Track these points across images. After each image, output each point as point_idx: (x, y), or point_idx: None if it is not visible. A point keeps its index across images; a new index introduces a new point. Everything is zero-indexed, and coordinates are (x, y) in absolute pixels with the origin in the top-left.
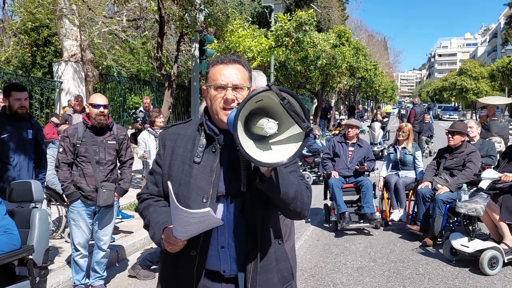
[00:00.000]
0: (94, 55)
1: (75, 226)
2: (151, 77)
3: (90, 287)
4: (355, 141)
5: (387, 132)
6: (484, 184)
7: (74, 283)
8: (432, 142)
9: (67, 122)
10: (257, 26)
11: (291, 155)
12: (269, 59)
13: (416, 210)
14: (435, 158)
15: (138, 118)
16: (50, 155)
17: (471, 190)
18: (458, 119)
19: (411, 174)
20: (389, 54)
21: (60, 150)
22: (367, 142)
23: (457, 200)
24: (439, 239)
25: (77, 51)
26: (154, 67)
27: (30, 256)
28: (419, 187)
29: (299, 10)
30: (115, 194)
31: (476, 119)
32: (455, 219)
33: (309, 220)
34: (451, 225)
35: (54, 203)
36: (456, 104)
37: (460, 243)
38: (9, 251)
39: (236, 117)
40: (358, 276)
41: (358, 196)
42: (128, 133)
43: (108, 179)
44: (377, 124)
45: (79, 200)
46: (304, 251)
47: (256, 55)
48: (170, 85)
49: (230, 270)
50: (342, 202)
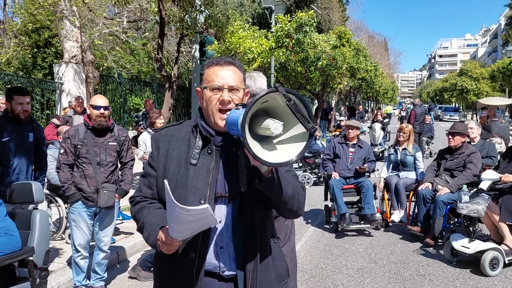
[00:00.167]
0: (94, 56)
1: (75, 227)
2: (151, 78)
3: None
4: (355, 142)
5: (388, 133)
6: (484, 185)
7: (75, 284)
8: (432, 143)
9: (67, 124)
10: (257, 27)
11: (297, 153)
12: (269, 60)
13: (416, 211)
14: (436, 159)
15: (141, 123)
16: (50, 155)
17: (472, 191)
18: (458, 120)
19: (411, 175)
20: (389, 55)
21: (61, 151)
22: (367, 143)
23: (458, 201)
24: (439, 240)
25: (77, 52)
26: (155, 68)
27: (31, 258)
28: (420, 188)
29: (300, 11)
30: (116, 195)
31: (477, 120)
32: (456, 220)
33: (309, 221)
34: (451, 226)
35: (54, 205)
36: (457, 105)
37: (460, 244)
38: (9, 252)
39: (244, 118)
40: (359, 277)
41: (358, 197)
42: (130, 134)
43: (109, 181)
44: (377, 125)
45: (80, 201)
46: (305, 252)
47: (256, 56)
48: (171, 86)
49: (229, 270)
50: (343, 203)
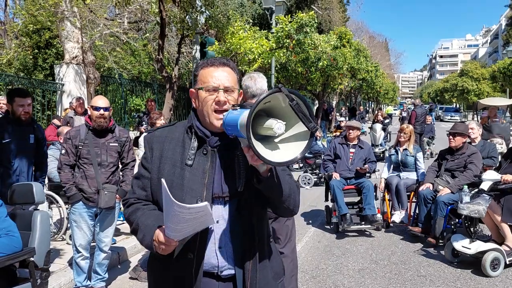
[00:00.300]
0: (95, 57)
1: (76, 228)
2: (152, 79)
3: None
4: (356, 142)
5: (388, 134)
6: (485, 186)
7: (76, 285)
8: (433, 144)
9: (68, 124)
10: (258, 28)
11: (300, 151)
12: (270, 60)
13: (417, 211)
14: (437, 159)
15: (143, 123)
16: (50, 155)
17: (473, 192)
18: (459, 121)
19: (412, 176)
20: (390, 56)
21: (63, 151)
22: (368, 143)
23: (459, 202)
24: (440, 241)
25: (78, 53)
26: (155, 69)
27: (32, 258)
28: (421, 189)
29: (300, 11)
30: (117, 196)
31: (477, 121)
32: (457, 220)
33: (310, 221)
34: (452, 226)
35: (55, 205)
36: (457, 106)
37: (461, 244)
38: (10, 253)
39: (249, 118)
40: (360, 278)
41: (359, 198)
42: (131, 135)
43: (110, 181)
44: (378, 126)
45: (81, 201)
46: (305, 253)
47: (257, 57)
48: (171, 87)
49: (227, 270)
50: (343, 204)
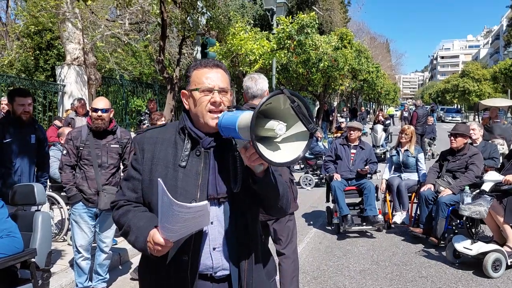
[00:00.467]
0: (96, 58)
1: (76, 228)
2: (153, 80)
3: None
4: (357, 143)
5: (390, 135)
6: (486, 187)
7: (77, 286)
8: (434, 145)
9: (70, 125)
10: (259, 29)
11: (301, 152)
12: (271, 61)
13: (418, 212)
14: (438, 160)
15: (145, 122)
16: (52, 156)
17: (474, 193)
18: (460, 121)
19: (413, 177)
20: (391, 56)
21: (64, 152)
22: (369, 144)
23: (460, 203)
24: (442, 242)
25: (79, 54)
26: (157, 70)
27: (33, 259)
28: (422, 190)
29: (301, 12)
30: None
31: (479, 121)
32: (458, 221)
33: (311, 222)
34: (453, 227)
35: (56, 206)
36: (459, 106)
37: (463, 245)
38: (11, 254)
39: (253, 120)
40: (361, 279)
41: (360, 199)
42: (133, 136)
43: (110, 183)
44: (379, 127)
45: (81, 202)
46: (307, 253)
47: (258, 58)
48: (172, 88)
49: (222, 271)
50: (345, 205)
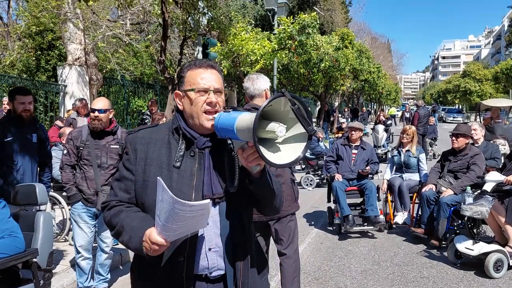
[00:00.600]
0: (98, 58)
1: (76, 228)
2: (154, 80)
3: None
4: (358, 143)
5: (391, 135)
6: (488, 187)
7: (78, 286)
8: (436, 145)
9: (71, 126)
10: (260, 29)
11: (300, 153)
12: (272, 62)
13: (420, 213)
14: (439, 160)
15: (146, 120)
16: (53, 156)
17: (476, 193)
18: (462, 122)
19: (415, 177)
20: (392, 57)
21: (65, 152)
22: (370, 144)
23: (462, 203)
24: (443, 242)
25: (81, 54)
26: (158, 71)
27: (34, 259)
28: (423, 190)
29: (302, 13)
30: None
31: (480, 122)
32: (460, 222)
33: (312, 223)
34: (455, 228)
35: (58, 206)
36: (460, 107)
37: (464, 246)
38: (13, 254)
39: (255, 122)
40: (362, 279)
41: (362, 199)
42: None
43: (109, 183)
44: (380, 127)
45: (80, 202)
46: (308, 254)
47: (259, 58)
48: (174, 88)
49: (217, 271)
50: (346, 205)
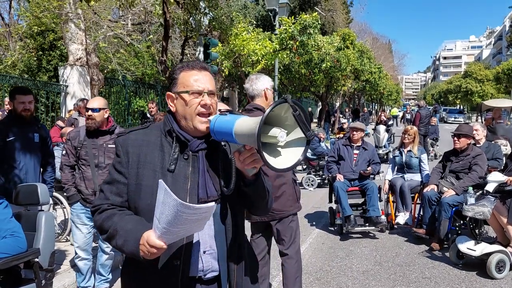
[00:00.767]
0: (99, 59)
1: (75, 228)
2: (156, 80)
3: None
4: (360, 144)
5: (392, 135)
6: (490, 187)
7: (77, 286)
8: (437, 145)
9: (73, 126)
10: (261, 30)
11: (299, 157)
12: (273, 62)
13: (421, 213)
14: (441, 161)
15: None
16: (55, 156)
17: (478, 193)
18: (463, 122)
19: (416, 177)
20: (393, 57)
21: (63, 152)
22: (372, 145)
23: (464, 204)
24: (445, 243)
25: (82, 55)
26: (159, 71)
27: (36, 259)
28: (425, 190)
29: (303, 13)
30: None
31: (482, 122)
32: (461, 222)
33: (314, 223)
34: (457, 228)
35: (59, 206)
36: (461, 107)
37: (466, 246)
38: (15, 254)
39: (260, 128)
40: (364, 280)
41: (363, 199)
42: None
43: None
44: (382, 127)
45: (79, 202)
46: (309, 254)
47: (260, 58)
48: None
49: (211, 272)
50: (347, 205)
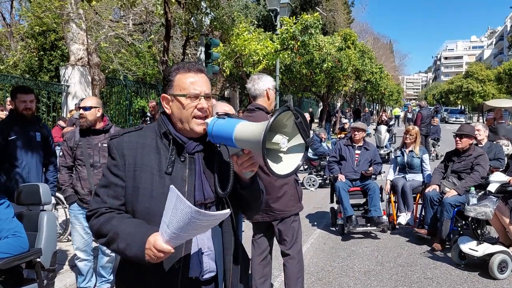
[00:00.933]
0: (100, 59)
1: (73, 230)
2: (157, 80)
3: None
4: (361, 144)
5: (393, 136)
6: (492, 187)
7: (77, 286)
8: (438, 145)
9: (74, 126)
10: (262, 30)
11: (299, 160)
12: (274, 62)
13: (423, 213)
14: (443, 161)
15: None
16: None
17: (480, 194)
18: (464, 122)
19: (418, 177)
20: (394, 57)
21: (60, 154)
22: (373, 145)
23: (466, 204)
24: (447, 243)
25: (83, 55)
26: (160, 71)
27: (38, 259)
28: (427, 191)
29: (305, 13)
30: None
31: (483, 122)
32: (463, 222)
33: (315, 223)
34: (459, 228)
35: (61, 206)
36: (462, 107)
37: (468, 247)
38: (17, 254)
39: (265, 136)
40: (366, 280)
41: (365, 200)
42: None
43: None
44: (383, 127)
45: (76, 203)
46: (311, 254)
47: (261, 58)
48: None
49: (208, 273)
50: (349, 206)
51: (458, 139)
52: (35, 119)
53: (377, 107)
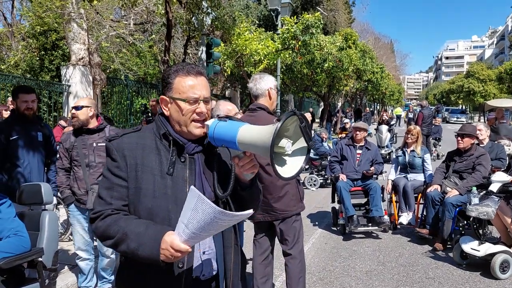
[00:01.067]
0: (101, 58)
1: (73, 230)
2: (158, 80)
3: None
4: (363, 144)
5: (394, 135)
6: (494, 187)
7: (78, 286)
8: (439, 145)
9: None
10: (263, 29)
11: (302, 163)
12: (275, 62)
13: (425, 213)
14: (445, 161)
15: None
16: None
17: (481, 193)
18: (465, 122)
19: (419, 177)
20: (395, 57)
21: (57, 156)
22: (375, 145)
23: (467, 204)
24: (449, 243)
25: (84, 54)
26: (161, 71)
27: (40, 259)
28: (428, 190)
29: (306, 13)
30: None
31: (485, 122)
32: (465, 222)
33: (316, 223)
34: (461, 228)
35: (62, 206)
36: (464, 107)
37: (470, 246)
38: (19, 253)
39: (273, 142)
40: (367, 280)
41: (366, 199)
42: None
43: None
44: (384, 127)
45: (73, 204)
46: (312, 254)
47: (262, 58)
48: None
49: (209, 273)
50: (350, 205)
51: (459, 139)
52: (36, 119)
53: (378, 107)
